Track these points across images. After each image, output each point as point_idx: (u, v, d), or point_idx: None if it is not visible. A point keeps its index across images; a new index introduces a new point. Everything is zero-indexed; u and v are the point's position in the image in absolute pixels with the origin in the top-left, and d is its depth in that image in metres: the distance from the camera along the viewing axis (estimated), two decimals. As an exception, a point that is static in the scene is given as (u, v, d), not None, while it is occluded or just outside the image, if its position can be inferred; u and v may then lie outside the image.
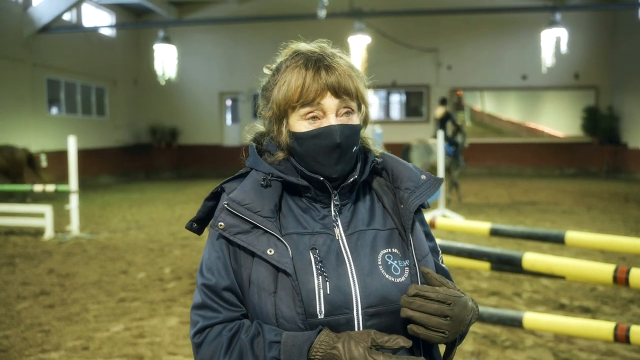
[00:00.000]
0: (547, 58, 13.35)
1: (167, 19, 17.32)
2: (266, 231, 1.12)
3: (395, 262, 1.16)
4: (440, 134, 9.09)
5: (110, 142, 17.60)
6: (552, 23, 13.14)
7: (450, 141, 10.80)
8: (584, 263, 3.00)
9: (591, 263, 2.97)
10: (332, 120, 1.15)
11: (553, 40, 13.30)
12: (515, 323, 3.24)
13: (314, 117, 1.15)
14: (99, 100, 17.42)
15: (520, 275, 5.20)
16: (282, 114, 1.18)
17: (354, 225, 1.19)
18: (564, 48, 13.12)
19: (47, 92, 14.96)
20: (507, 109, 19.14)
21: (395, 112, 19.76)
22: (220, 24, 17.85)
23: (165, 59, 14.44)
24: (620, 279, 2.69)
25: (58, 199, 9.33)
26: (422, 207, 1.25)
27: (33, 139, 13.85)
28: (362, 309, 1.11)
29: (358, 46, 13.38)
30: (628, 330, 2.77)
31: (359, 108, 1.20)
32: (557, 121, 18.74)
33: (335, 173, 1.16)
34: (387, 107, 19.66)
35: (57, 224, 8.27)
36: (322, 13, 12.46)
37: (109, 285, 5.34)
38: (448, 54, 18.18)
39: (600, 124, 17.25)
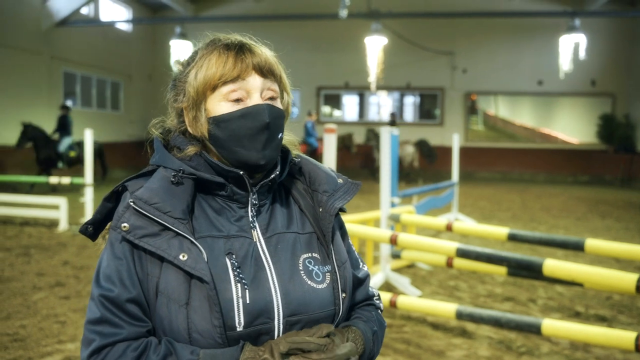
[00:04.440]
0: (565, 64, 13.25)
1: (184, 15, 17.42)
2: (178, 234, 0.99)
3: (317, 267, 1.08)
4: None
5: (124, 136, 17.71)
6: (571, 28, 13.03)
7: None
8: (606, 271, 2.96)
9: (613, 271, 2.93)
10: (256, 100, 1.05)
11: (571, 46, 13.18)
12: (533, 329, 3.22)
13: (237, 100, 1.04)
14: (114, 94, 17.55)
15: (534, 282, 5.16)
16: (199, 99, 1.06)
17: (272, 228, 1.09)
18: (582, 54, 13.00)
19: (64, 85, 15.10)
20: (521, 114, 19.01)
21: (409, 114, 19.72)
22: (237, 22, 17.90)
23: (181, 55, 14.51)
24: (644, 289, 2.66)
25: (72, 192, 9.40)
26: (341, 210, 1.17)
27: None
28: (283, 317, 1.01)
29: (374, 47, 13.36)
30: (649, 340, 2.74)
31: (282, 97, 1.11)
32: (572, 128, 18.59)
33: (263, 159, 1.04)
34: (400, 109, 19.62)
35: (71, 217, 8.33)
36: (344, 13, 12.40)
37: (123, 279, 5.36)
38: (464, 57, 18.10)
39: (616, 132, 17.10)
